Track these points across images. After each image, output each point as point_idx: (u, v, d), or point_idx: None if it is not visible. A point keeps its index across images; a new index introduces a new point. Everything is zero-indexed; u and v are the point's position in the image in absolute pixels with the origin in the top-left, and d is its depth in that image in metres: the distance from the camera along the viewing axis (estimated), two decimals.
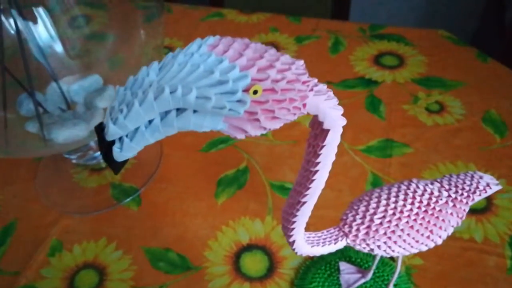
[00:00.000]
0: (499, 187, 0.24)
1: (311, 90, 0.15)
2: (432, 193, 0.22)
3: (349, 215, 0.23)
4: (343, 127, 0.17)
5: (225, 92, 0.13)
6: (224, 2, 0.76)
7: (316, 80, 0.16)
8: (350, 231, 0.22)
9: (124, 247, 0.34)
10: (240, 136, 0.14)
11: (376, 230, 0.22)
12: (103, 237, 0.34)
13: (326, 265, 0.31)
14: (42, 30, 0.34)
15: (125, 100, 0.13)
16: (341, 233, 0.23)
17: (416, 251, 0.23)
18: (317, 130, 0.17)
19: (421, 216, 0.21)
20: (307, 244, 0.22)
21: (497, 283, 0.30)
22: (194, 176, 0.38)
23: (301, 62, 0.15)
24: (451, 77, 0.46)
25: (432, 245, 0.22)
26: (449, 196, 0.22)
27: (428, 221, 0.21)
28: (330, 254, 0.31)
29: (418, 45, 0.50)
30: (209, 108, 0.13)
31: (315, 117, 0.16)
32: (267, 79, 0.13)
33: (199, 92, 0.12)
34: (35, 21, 0.33)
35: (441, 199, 0.22)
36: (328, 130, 0.17)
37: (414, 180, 0.23)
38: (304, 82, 0.15)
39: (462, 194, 0.22)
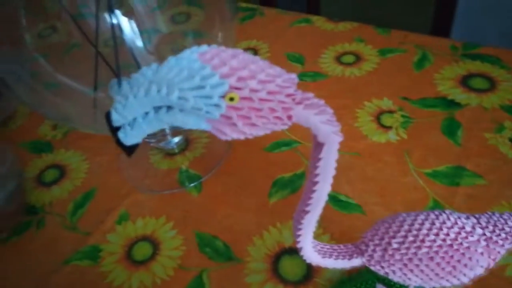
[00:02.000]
0: None
1: (299, 103, 0.16)
2: (463, 227, 0.21)
3: (369, 234, 0.22)
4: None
5: (203, 96, 0.14)
6: (320, 10, 0.77)
7: (311, 95, 0.16)
8: (366, 250, 0.22)
9: (179, 227, 0.37)
10: (223, 137, 0.16)
11: (392, 255, 0.21)
12: (163, 215, 0.38)
13: (362, 283, 0.30)
14: (137, 24, 0.38)
15: (125, 93, 0.15)
16: (358, 250, 0.23)
17: (437, 285, 0.22)
18: (315, 143, 0.18)
19: (444, 249, 0.20)
20: (318, 254, 0.22)
21: None
22: (253, 173, 0.40)
23: (293, 75, 0.16)
24: None
25: (455, 282, 0.21)
26: (484, 234, 0.21)
27: (452, 256, 0.20)
28: (369, 272, 0.31)
29: None
30: (189, 109, 0.14)
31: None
32: (244, 88, 0.14)
33: (181, 94, 0.14)
34: (130, 15, 0.37)
35: (472, 236, 0.21)
36: (323, 144, 0.17)
37: (447, 211, 0.22)
38: (288, 95, 0.15)
39: (499, 235, 0.21)
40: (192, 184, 0.40)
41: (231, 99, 0.15)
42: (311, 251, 0.22)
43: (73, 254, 0.36)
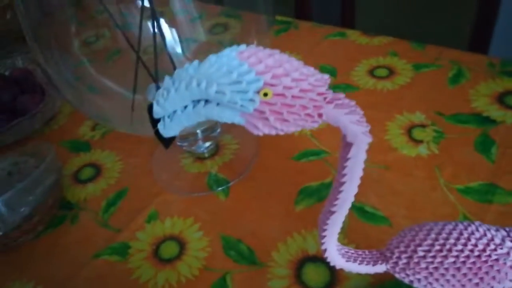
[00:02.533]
0: None
1: (330, 102, 0.16)
2: (492, 239, 0.20)
3: (394, 241, 0.22)
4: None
5: (239, 90, 0.15)
6: (355, 25, 0.77)
7: (342, 95, 0.17)
8: (391, 257, 0.22)
9: (205, 229, 0.37)
10: (255, 131, 0.16)
11: (418, 262, 0.21)
12: (191, 216, 0.39)
13: None
14: (178, 32, 0.40)
15: (167, 87, 0.16)
16: (382, 257, 0.23)
17: None
18: (344, 143, 0.18)
19: (471, 260, 0.20)
20: (342, 257, 0.22)
21: None
22: (280, 181, 0.41)
23: (326, 76, 0.16)
24: None
25: None
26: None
27: (479, 268, 0.20)
28: (393, 285, 0.31)
29: None
30: (225, 102, 0.15)
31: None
32: (278, 85, 0.15)
33: (219, 88, 0.15)
34: (172, 24, 0.39)
35: (501, 248, 0.20)
36: (351, 144, 0.17)
37: (476, 223, 0.21)
38: (319, 94, 0.16)
39: None
40: (220, 188, 0.41)
41: (265, 94, 0.15)
42: (335, 254, 0.22)
43: (103, 249, 0.38)
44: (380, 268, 0.23)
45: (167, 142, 0.18)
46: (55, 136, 0.52)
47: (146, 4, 0.35)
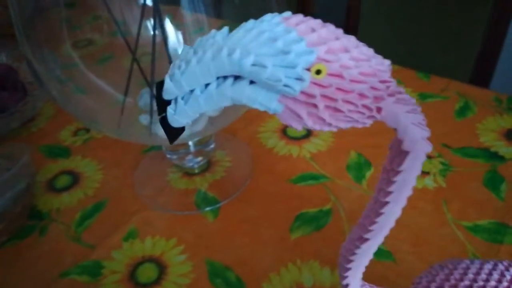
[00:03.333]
0: None
1: (392, 95, 0.13)
2: None
3: (424, 279, 0.19)
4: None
5: (284, 64, 0.12)
6: None
7: (402, 89, 0.14)
8: None
9: (189, 252, 0.34)
10: (296, 125, 0.13)
11: None
12: (174, 237, 0.35)
13: None
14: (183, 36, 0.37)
15: (186, 57, 0.13)
16: None
17: None
18: (395, 151, 0.15)
19: None
20: None
21: None
22: (275, 204, 0.37)
23: (388, 62, 0.13)
24: None
25: None
26: None
27: None
28: None
29: None
30: (263, 80, 0.12)
31: (396, 135, 0.14)
32: (335, 61, 0.12)
33: (257, 59, 0.12)
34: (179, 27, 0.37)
35: None
36: (407, 153, 0.14)
37: (507, 263, 0.19)
38: (382, 81, 0.13)
39: None
40: (208, 208, 0.37)
41: (318, 72, 0.12)
42: None
43: (73, 267, 0.33)
44: None
45: (174, 134, 0.14)
46: (33, 138, 0.48)
47: (149, 2, 0.33)
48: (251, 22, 0.13)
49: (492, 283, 0.18)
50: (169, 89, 0.13)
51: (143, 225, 0.36)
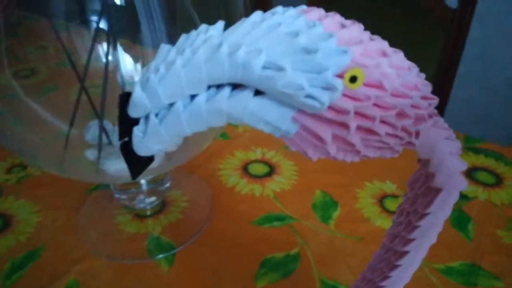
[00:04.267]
0: None
1: (431, 116, 0.11)
2: None
3: None
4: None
5: (308, 68, 0.09)
6: None
7: (436, 111, 0.12)
8: None
9: None
10: (312, 153, 0.10)
11: None
12: None
13: None
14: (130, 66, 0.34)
15: (166, 59, 0.09)
16: None
17: None
18: (420, 189, 0.13)
19: None
20: None
21: None
22: (237, 249, 0.34)
23: (424, 75, 0.11)
24: None
25: None
26: None
27: None
28: None
29: None
30: (279, 88, 0.09)
31: (422, 166, 0.12)
32: (375, 67, 0.09)
33: (270, 60, 0.09)
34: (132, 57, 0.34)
35: None
36: (438, 191, 0.12)
37: None
38: (425, 97, 0.11)
39: None
40: (162, 255, 0.33)
41: (352, 79, 0.09)
42: None
43: None
44: None
45: (139, 166, 0.11)
46: None
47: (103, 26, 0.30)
48: (258, 13, 0.10)
49: None
50: (139, 102, 0.09)
51: (86, 277, 0.31)
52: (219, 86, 0.09)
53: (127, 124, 0.10)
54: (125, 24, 0.31)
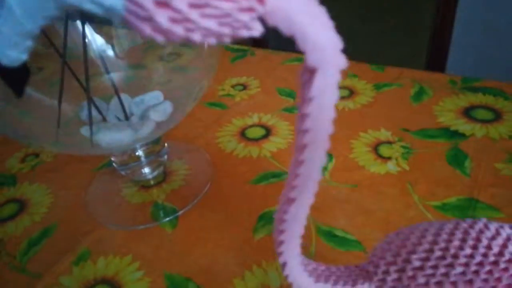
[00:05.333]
0: None
1: None
2: (509, 239, 0.16)
3: (379, 249, 0.17)
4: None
5: None
6: None
7: None
8: (375, 272, 0.17)
9: (146, 268, 0.31)
10: (145, 28, 0.10)
11: (413, 276, 0.16)
12: (130, 254, 0.32)
13: None
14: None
15: None
16: (364, 273, 0.17)
17: None
18: (303, 72, 0.12)
19: (486, 268, 0.15)
20: (309, 276, 0.17)
21: None
22: (237, 207, 0.35)
23: None
24: None
25: None
26: None
27: (499, 279, 0.15)
28: None
29: None
30: None
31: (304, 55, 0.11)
32: None
33: None
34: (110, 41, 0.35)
35: None
36: (314, 72, 0.12)
37: (483, 219, 0.17)
38: None
39: None
40: (167, 219, 0.35)
41: None
42: (299, 271, 0.17)
43: None
44: None
45: (14, 79, 0.11)
46: None
47: None
48: None
49: (456, 243, 0.16)
50: None
51: (96, 246, 0.34)
52: None
53: None
54: None
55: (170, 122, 0.33)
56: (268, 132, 0.44)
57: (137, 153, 0.37)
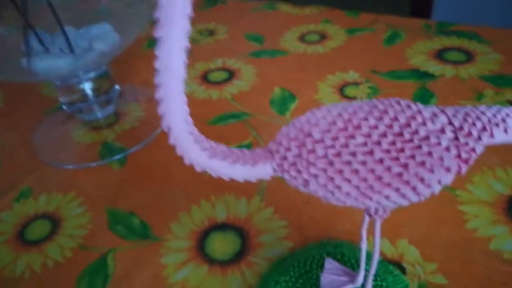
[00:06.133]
0: None
1: None
2: (420, 112, 0.14)
3: (284, 129, 0.16)
4: None
5: None
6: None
7: None
8: (277, 150, 0.15)
9: (89, 204, 0.29)
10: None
11: (313, 150, 0.14)
12: (73, 191, 0.31)
13: (308, 258, 0.23)
14: None
15: None
16: (266, 154, 0.16)
17: (390, 204, 0.15)
18: None
19: (389, 139, 0.13)
20: (201, 149, 0.15)
21: None
22: None
23: None
24: None
25: (408, 193, 0.14)
26: (450, 123, 0.14)
27: (402, 150, 0.13)
28: (317, 248, 0.24)
29: (494, 43, 0.41)
30: None
31: None
32: None
33: None
34: None
35: (432, 123, 0.14)
36: None
37: (393, 98, 0.15)
38: None
39: (473, 125, 0.14)
40: (114, 158, 0.33)
41: None
42: (189, 142, 0.15)
43: None
44: (264, 170, 0.16)
45: None
46: None
47: None
48: None
49: (361, 115, 0.14)
50: None
51: (39, 184, 0.32)
52: None
53: None
54: None
55: (114, 51, 0.30)
56: (231, 75, 0.42)
57: (85, 92, 0.34)
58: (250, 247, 0.25)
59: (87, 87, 0.34)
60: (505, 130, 0.14)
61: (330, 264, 0.22)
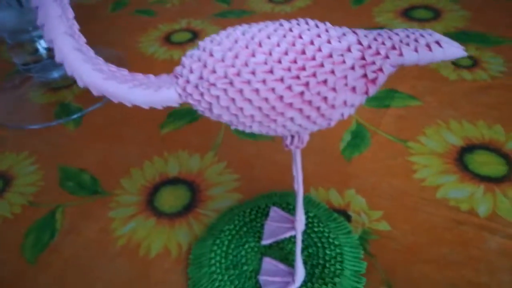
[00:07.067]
0: (460, 52, 0.15)
1: None
2: (326, 31, 0.14)
3: (189, 52, 0.15)
4: None
5: None
6: None
7: None
8: (181, 74, 0.15)
9: (41, 163, 0.29)
10: None
11: (214, 70, 0.14)
12: (26, 150, 0.30)
13: (254, 208, 0.23)
14: None
15: None
16: (173, 79, 0.15)
17: (298, 128, 0.14)
18: None
19: (291, 56, 0.13)
20: (93, 69, 0.15)
21: (494, 271, 0.20)
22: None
23: None
24: (496, 34, 0.35)
25: (312, 116, 0.14)
26: (358, 43, 0.14)
27: (303, 68, 0.13)
28: (264, 198, 0.24)
29: (464, 0, 0.40)
30: None
31: None
32: None
33: None
34: None
35: (338, 41, 0.14)
36: None
37: (302, 19, 0.15)
38: None
39: (383, 44, 0.14)
40: (70, 118, 0.32)
41: None
42: (78, 59, 0.14)
43: None
44: (168, 95, 0.15)
45: None
46: None
47: None
48: None
49: (263, 33, 0.14)
50: None
51: None
52: None
53: None
54: None
55: None
56: (195, 36, 0.41)
57: (39, 52, 0.33)
58: (200, 200, 0.25)
59: (41, 46, 0.33)
60: (415, 49, 0.14)
61: (274, 212, 0.22)
